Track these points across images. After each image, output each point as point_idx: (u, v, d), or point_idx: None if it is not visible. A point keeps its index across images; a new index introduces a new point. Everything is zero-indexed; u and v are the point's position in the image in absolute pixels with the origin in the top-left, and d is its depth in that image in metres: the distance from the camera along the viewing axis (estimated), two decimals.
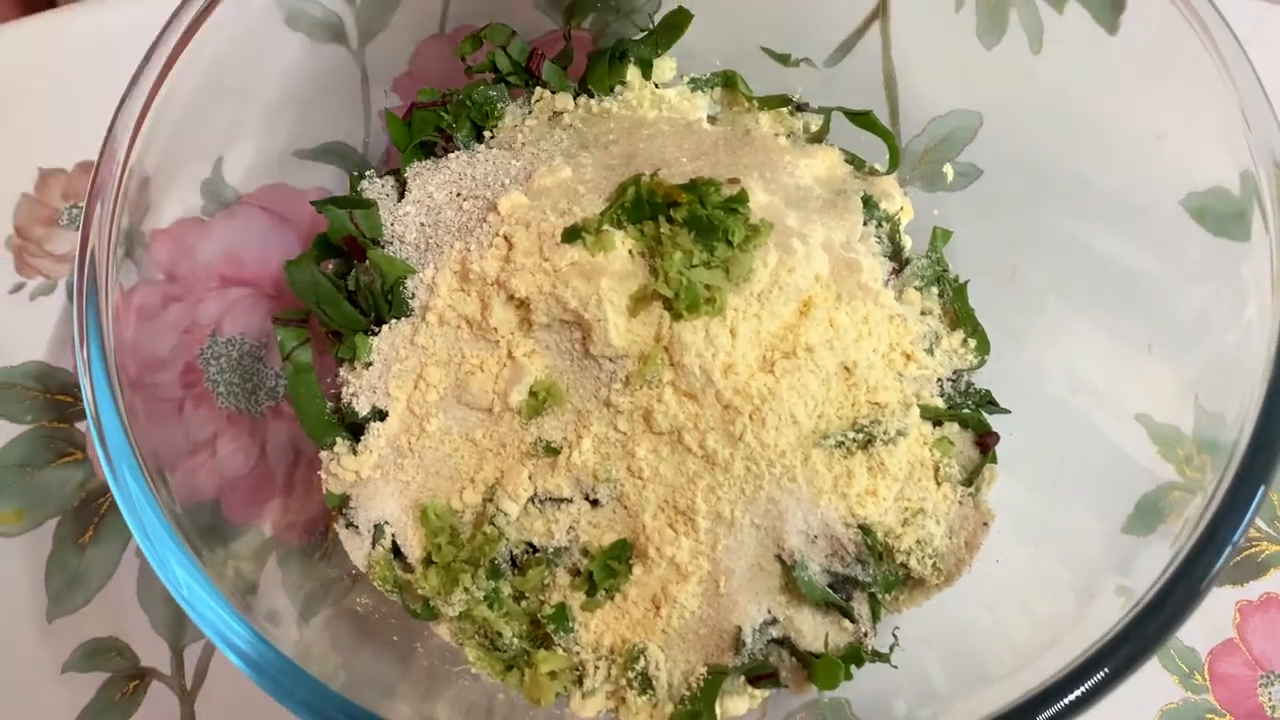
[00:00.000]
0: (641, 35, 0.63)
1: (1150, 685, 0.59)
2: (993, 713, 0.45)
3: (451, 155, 0.60)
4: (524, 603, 0.54)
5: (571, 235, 0.50)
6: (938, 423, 0.56)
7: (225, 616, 0.46)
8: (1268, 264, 0.48)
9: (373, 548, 0.55)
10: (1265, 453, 0.45)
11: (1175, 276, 0.55)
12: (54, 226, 0.70)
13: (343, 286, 0.57)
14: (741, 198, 0.50)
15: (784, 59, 0.64)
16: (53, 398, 0.66)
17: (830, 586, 0.53)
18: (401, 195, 0.59)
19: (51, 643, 0.63)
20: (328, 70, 0.63)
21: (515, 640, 0.54)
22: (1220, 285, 0.51)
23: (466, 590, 0.53)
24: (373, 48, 0.64)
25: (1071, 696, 0.43)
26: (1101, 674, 0.43)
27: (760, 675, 0.53)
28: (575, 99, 0.63)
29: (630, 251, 0.51)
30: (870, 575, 0.53)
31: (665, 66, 0.64)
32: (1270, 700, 0.59)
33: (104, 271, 0.50)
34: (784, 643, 0.53)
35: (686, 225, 0.49)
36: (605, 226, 0.50)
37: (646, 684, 0.52)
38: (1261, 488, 0.45)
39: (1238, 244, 0.49)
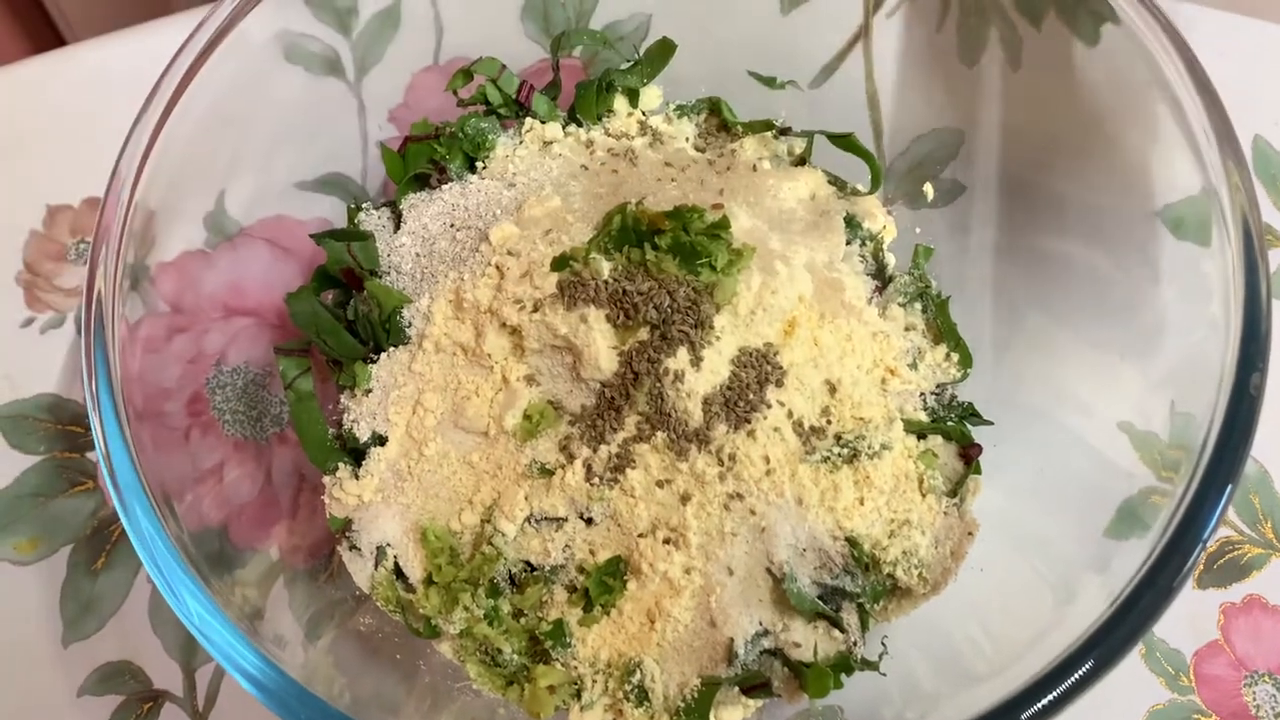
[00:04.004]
0: (628, 65, 0.65)
1: (1138, 687, 0.60)
2: (980, 711, 0.46)
3: (445, 186, 0.61)
4: (523, 620, 0.55)
5: (560, 264, 0.52)
6: (922, 436, 0.57)
7: (233, 642, 0.47)
8: (1227, 262, 0.49)
9: (375, 569, 0.57)
10: (1231, 449, 0.46)
11: (1152, 285, 0.56)
12: (62, 262, 0.71)
13: (342, 316, 0.59)
14: (724, 223, 0.52)
15: (769, 81, 0.65)
16: (64, 429, 0.67)
17: (819, 598, 0.54)
18: (397, 226, 0.61)
19: (67, 667, 0.64)
20: (326, 103, 0.65)
21: (515, 656, 0.55)
22: (1186, 286, 0.52)
23: (467, 609, 0.54)
24: (369, 80, 0.65)
25: (1051, 695, 0.45)
26: (1080, 671, 0.45)
27: (753, 685, 0.53)
28: (564, 128, 0.64)
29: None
30: (858, 586, 0.54)
31: (651, 95, 0.65)
32: (1254, 700, 0.60)
33: (110, 306, 0.52)
34: (776, 653, 0.54)
35: (671, 251, 0.51)
36: (593, 254, 0.52)
37: (643, 696, 0.53)
38: (1230, 484, 0.46)
39: (1200, 247, 0.51)
